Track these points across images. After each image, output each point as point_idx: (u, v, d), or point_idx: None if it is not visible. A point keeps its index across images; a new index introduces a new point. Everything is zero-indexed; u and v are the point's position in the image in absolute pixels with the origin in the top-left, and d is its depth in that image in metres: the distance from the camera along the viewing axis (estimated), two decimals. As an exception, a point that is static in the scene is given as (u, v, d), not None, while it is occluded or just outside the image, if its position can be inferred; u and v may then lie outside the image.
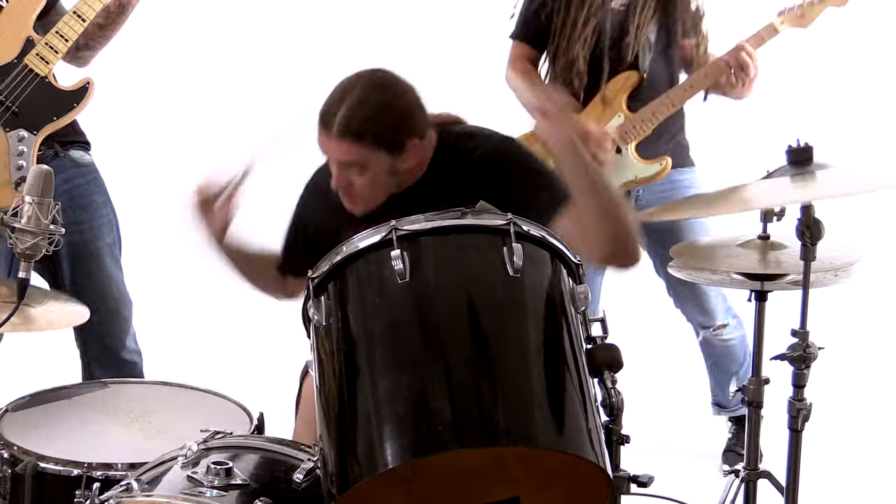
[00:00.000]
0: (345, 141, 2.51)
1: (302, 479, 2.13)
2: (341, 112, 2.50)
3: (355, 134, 2.50)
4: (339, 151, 2.53)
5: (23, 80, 3.11)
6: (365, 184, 2.55)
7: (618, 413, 2.15)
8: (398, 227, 2.11)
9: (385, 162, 2.54)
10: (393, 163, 2.55)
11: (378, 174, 2.55)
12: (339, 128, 2.50)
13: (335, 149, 2.53)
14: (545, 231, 2.20)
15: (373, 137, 2.50)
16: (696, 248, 2.83)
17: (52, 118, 3.15)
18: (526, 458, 2.17)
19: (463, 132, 2.72)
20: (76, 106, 3.19)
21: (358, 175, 2.54)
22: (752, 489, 2.82)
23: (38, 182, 2.14)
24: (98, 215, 3.36)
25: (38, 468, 2.37)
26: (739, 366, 3.74)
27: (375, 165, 2.53)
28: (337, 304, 2.14)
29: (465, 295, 2.11)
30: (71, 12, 3.15)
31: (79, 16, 3.15)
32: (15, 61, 3.12)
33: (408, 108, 2.57)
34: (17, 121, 3.10)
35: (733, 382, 2.77)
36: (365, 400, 2.05)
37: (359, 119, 2.50)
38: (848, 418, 4.03)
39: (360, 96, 2.51)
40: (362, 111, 2.50)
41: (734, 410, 3.83)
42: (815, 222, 2.43)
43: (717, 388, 3.84)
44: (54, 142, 3.24)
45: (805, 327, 2.49)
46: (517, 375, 2.04)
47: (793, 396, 2.55)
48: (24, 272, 2.16)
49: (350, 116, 2.50)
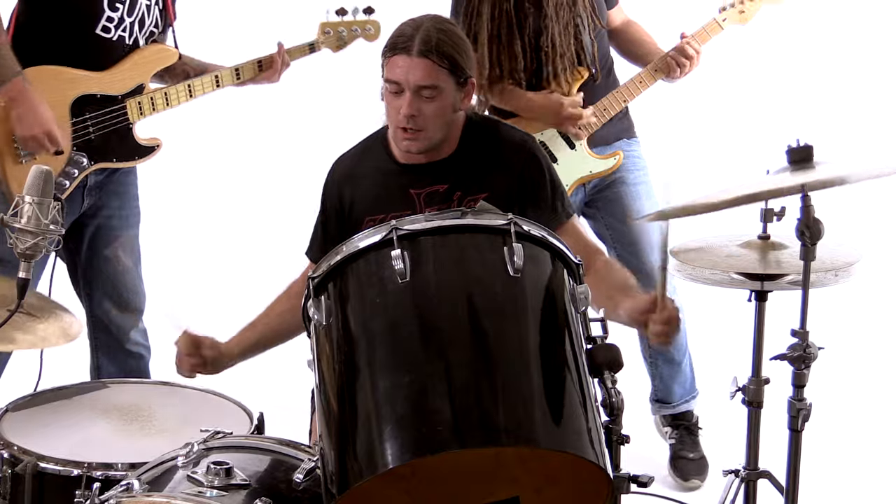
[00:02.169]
0: (427, 59, 2.56)
1: (302, 479, 2.13)
2: (420, 36, 2.56)
3: (437, 53, 2.56)
4: (420, 71, 2.56)
5: (115, 117, 3.25)
6: (433, 112, 2.59)
7: (618, 413, 2.15)
8: (398, 227, 2.11)
9: (452, 92, 2.61)
10: (456, 96, 2.62)
11: (445, 104, 2.60)
12: (422, 46, 2.55)
13: (416, 68, 2.56)
14: (546, 231, 2.20)
15: (450, 60, 2.58)
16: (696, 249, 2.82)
17: (112, 159, 3.28)
18: (526, 458, 2.17)
19: (486, 117, 2.89)
20: (137, 159, 3.34)
21: (429, 101, 2.58)
22: (752, 489, 2.82)
23: (38, 182, 2.14)
24: (131, 205, 3.45)
25: (38, 468, 2.37)
26: (683, 354, 3.67)
27: (446, 92, 2.59)
28: (337, 303, 2.14)
29: (465, 295, 2.11)
30: (185, 84, 3.34)
31: (189, 90, 3.34)
32: (119, 97, 3.26)
33: (469, 47, 2.69)
34: (86, 146, 3.22)
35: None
36: (365, 400, 2.05)
37: (440, 41, 2.57)
38: (848, 418, 4.02)
39: (436, 25, 2.60)
40: (442, 35, 2.59)
41: (676, 407, 3.73)
42: (815, 222, 2.43)
43: (661, 382, 3.72)
44: None
45: (805, 327, 2.49)
46: (517, 375, 2.04)
47: (793, 396, 2.55)
48: (24, 272, 2.15)
49: (430, 38, 2.57)
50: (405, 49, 2.57)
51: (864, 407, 4.17)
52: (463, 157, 2.68)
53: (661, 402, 3.75)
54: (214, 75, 3.39)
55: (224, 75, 3.40)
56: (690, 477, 3.65)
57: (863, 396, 4.24)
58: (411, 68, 2.56)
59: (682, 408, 3.73)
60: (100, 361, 3.49)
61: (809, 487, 2.71)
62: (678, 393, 3.72)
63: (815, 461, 3.03)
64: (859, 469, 3.75)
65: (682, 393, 3.72)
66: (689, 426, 3.74)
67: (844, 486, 3.61)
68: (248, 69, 3.43)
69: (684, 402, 3.73)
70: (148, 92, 3.30)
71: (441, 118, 2.61)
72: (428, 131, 2.61)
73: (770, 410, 2.73)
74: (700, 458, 3.70)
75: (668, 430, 3.78)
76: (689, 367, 3.72)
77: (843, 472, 3.69)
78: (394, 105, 2.60)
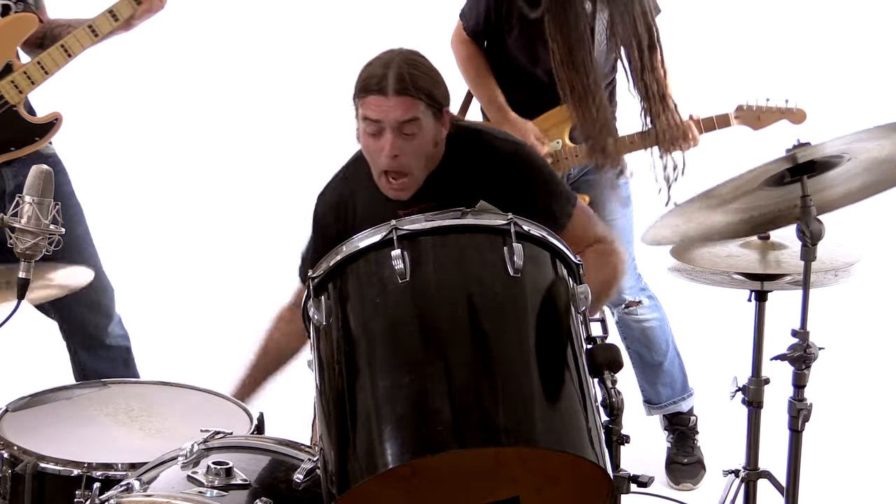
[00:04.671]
0: (405, 97, 2.52)
1: (302, 479, 2.13)
2: (392, 73, 2.52)
3: (414, 89, 2.53)
4: (399, 109, 2.53)
5: None
6: (415, 151, 2.56)
7: (618, 413, 2.15)
8: (398, 227, 2.11)
9: (431, 125, 2.57)
10: (435, 130, 2.59)
11: (426, 140, 2.57)
12: (398, 85, 2.52)
13: (394, 107, 2.53)
14: (546, 231, 2.20)
15: (427, 94, 2.55)
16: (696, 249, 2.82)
17: (9, 148, 3.11)
18: (526, 457, 2.17)
19: (472, 125, 2.83)
20: (38, 140, 3.15)
21: (410, 138, 2.54)
22: (752, 489, 2.82)
23: (37, 182, 2.14)
24: (69, 204, 3.27)
25: (38, 468, 2.37)
26: (663, 355, 3.66)
27: (426, 128, 2.56)
28: (337, 303, 2.14)
29: (465, 295, 2.11)
30: (58, 45, 3.11)
31: (65, 49, 3.11)
32: None
33: (441, 77, 2.64)
34: None
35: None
36: (365, 400, 2.05)
37: (414, 76, 2.54)
38: (848, 418, 4.02)
39: (407, 60, 2.56)
40: (415, 70, 2.55)
41: (665, 407, 3.73)
42: (815, 222, 2.43)
43: (645, 382, 3.72)
44: None
45: (805, 327, 2.49)
46: (517, 375, 2.04)
47: (793, 396, 2.55)
48: (24, 272, 2.15)
49: (405, 74, 2.53)
50: (380, 89, 2.52)
51: (864, 407, 4.17)
52: (449, 171, 2.65)
53: (649, 402, 3.76)
54: (88, 25, 3.11)
55: (99, 22, 3.12)
56: (682, 481, 3.66)
57: (863, 396, 4.25)
58: (390, 108, 2.52)
59: (672, 408, 3.73)
60: (80, 359, 3.42)
61: (809, 487, 2.71)
62: (665, 394, 3.72)
63: (815, 461, 3.03)
64: (859, 469, 3.75)
65: (671, 394, 3.72)
66: (685, 430, 3.73)
67: (844, 486, 3.61)
68: (124, 6, 3.13)
69: (673, 403, 3.72)
70: (19, 67, 3.09)
71: (423, 155, 2.58)
72: (413, 174, 2.59)
73: (770, 410, 2.73)
74: (695, 462, 3.70)
75: (665, 432, 3.78)
76: (676, 368, 3.71)
77: (843, 472, 3.70)
78: (374, 148, 2.56)
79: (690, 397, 3.75)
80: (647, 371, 3.70)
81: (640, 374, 3.72)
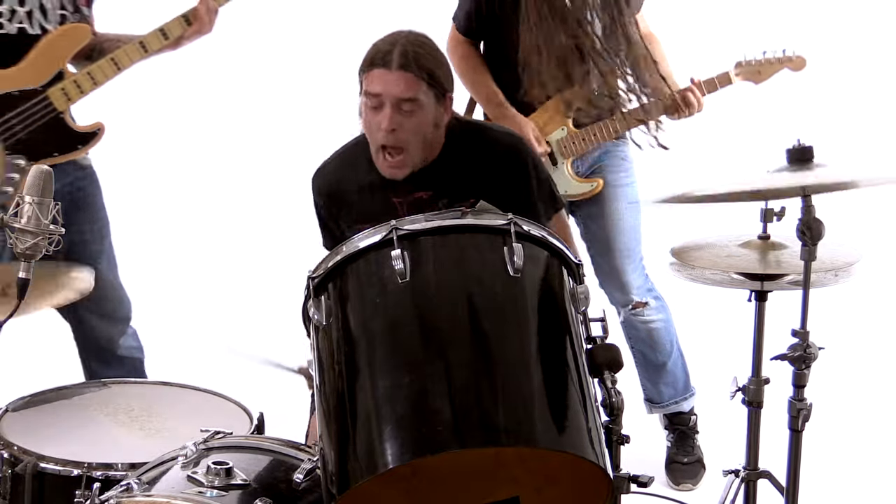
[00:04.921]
0: (407, 73, 2.55)
1: (302, 479, 2.13)
2: (398, 49, 2.56)
3: (417, 66, 2.55)
4: (401, 84, 2.55)
5: (40, 109, 3.11)
6: (413, 128, 2.58)
7: (618, 413, 2.15)
8: (398, 227, 2.11)
9: (432, 106, 2.59)
10: (436, 112, 2.61)
11: (426, 119, 2.59)
12: (401, 60, 2.55)
13: (396, 82, 2.55)
14: (545, 231, 2.21)
15: (429, 74, 2.57)
16: (696, 249, 2.82)
17: (53, 153, 3.15)
18: (526, 457, 2.17)
19: (471, 120, 2.89)
20: (80, 148, 3.20)
21: (409, 115, 2.56)
22: (752, 489, 2.82)
23: (38, 182, 2.14)
24: (99, 217, 3.35)
25: (38, 468, 2.37)
26: (667, 356, 3.66)
27: (426, 106, 2.58)
28: (337, 303, 2.14)
29: (465, 295, 2.12)
30: (109, 58, 3.17)
31: (115, 62, 3.17)
32: (38, 89, 3.12)
33: (446, 61, 2.68)
34: (19, 147, 3.10)
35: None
36: (365, 400, 2.05)
37: (417, 54, 2.57)
38: (848, 418, 4.02)
39: (413, 40, 2.60)
40: (420, 49, 2.58)
41: (666, 407, 3.73)
42: (815, 222, 2.43)
43: (648, 381, 3.72)
44: None
45: (805, 327, 2.49)
46: (517, 375, 2.04)
47: (793, 396, 2.55)
48: (24, 272, 2.15)
49: (409, 52, 2.56)
50: (384, 63, 2.56)
51: (864, 407, 4.17)
52: (447, 163, 2.67)
53: (651, 401, 3.76)
54: (139, 41, 3.19)
55: (149, 39, 3.20)
56: (682, 481, 3.66)
57: (863, 396, 4.24)
58: (391, 82, 2.55)
59: (674, 408, 3.73)
60: (93, 368, 3.43)
61: (809, 487, 2.71)
62: (667, 393, 3.71)
63: (815, 461, 3.03)
64: (859, 469, 3.75)
65: (673, 393, 3.72)
66: (686, 430, 3.73)
67: (844, 486, 3.61)
68: (175, 26, 3.22)
69: (674, 403, 3.72)
70: (70, 76, 3.14)
71: (421, 134, 2.60)
72: (409, 151, 2.60)
73: (770, 410, 2.73)
74: (694, 461, 3.69)
75: (665, 431, 3.78)
76: (679, 368, 3.71)
77: (843, 472, 3.69)
78: (374, 121, 2.58)
79: (692, 397, 3.75)
80: (651, 371, 3.70)
81: (644, 373, 3.73)
